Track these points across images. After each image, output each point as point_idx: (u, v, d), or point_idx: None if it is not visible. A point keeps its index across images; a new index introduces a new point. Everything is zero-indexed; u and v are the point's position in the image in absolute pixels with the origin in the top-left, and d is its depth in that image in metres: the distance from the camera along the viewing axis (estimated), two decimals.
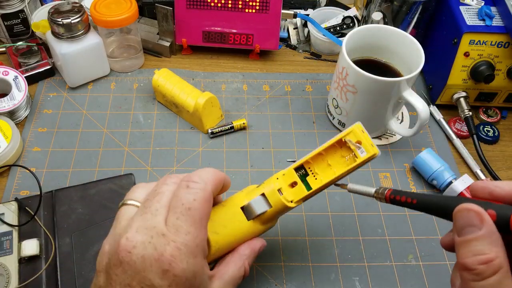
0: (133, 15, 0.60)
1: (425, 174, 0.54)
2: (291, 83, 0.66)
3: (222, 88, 0.65)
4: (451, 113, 0.63)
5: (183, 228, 0.31)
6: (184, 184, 0.33)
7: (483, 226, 0.26)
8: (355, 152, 0.39)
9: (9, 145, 0.53)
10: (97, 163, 0.55)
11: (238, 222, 0.38)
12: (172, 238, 0.30)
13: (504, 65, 0.57)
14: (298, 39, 0.73)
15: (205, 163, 0.56)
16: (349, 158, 0.40)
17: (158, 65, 0.68)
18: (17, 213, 0.48)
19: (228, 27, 0.66)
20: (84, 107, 0.61)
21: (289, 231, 0.50)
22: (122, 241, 0.30)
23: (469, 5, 0.59)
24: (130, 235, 0.30)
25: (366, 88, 0.52)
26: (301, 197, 0.39)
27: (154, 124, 0.60)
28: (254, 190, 0.40)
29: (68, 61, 0.59)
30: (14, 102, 0.57)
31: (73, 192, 0.50)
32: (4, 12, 0.64)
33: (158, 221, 0.31)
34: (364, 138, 0.39)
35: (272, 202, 0.38)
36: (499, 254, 0.25)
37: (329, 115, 0.61)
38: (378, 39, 0.57)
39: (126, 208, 0.34)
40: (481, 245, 0.26)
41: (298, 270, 0.47)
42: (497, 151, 0.60)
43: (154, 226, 0.31)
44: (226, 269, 0.36)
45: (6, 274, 0.43)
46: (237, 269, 0.36)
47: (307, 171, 0.40)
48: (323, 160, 0.40)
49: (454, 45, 0.57)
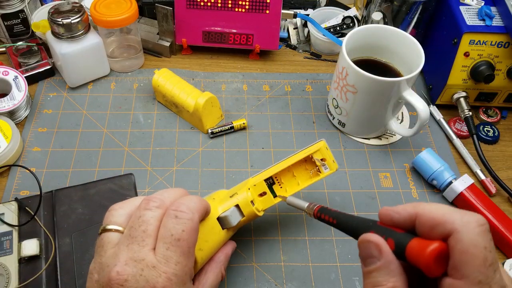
0: (133, 15, 0.60)
1: (425, 174, 0.54)
2: (291, 83, 0.66)
3: (222, 88, 0.65)
4: (451, 113, 0.63)
5: (173, 258, 0.31)
6: (172, 214, 0.33)
7: (381, 257, 0.26)
8: (319, 168, 0.45)
9: (9, 145, 0.53)
10: (97, 163, 0.55)
11: (216, 233, 0.40)
12: (163, 270, 0.31)
13: (504, 65, 0.57)
14: (298, 39, 0.73)
15: (205, 163, 0.56)
16: (313, 172, 0.46)
17: (158, 65, 0.68)
18: (17, 213, 0.48)
19: (228, 27, 0.66)
20: (84, 107, 0.61)
21: (289, 231, 0.50)
22: (113, 275, 0.30)
23: (469, 5, 0.59)
24: (119, 269, 0.31)
25: (366, 88, 0.52)
26: (269, 206, 0.44)
27: (154, 124, 0.60)
28: (227, 199, 0.43)
29: (68, 61, 0.59)
30: (14, 102, 0.57)
31: (73, 192, 0.50)
32: (4, 12, 0.64)
33: (146, 253, 0.31)
34: (328, 156, 0.45)
35: (245, 213, 0.42)
36: (396, 283, 0.26)
37: (329, 115, 0.61)
38: (378, 39, 0.57)
39: (108, 235, 0.34)
40: (379, 276, 0.26)
41: (298, 270, 0.47)
42: (497, 151, 0.60)
43: (143, 258, 0.31)
44: (205, 279, 0.38)
45: (6, 274, 0.43)
46: (215, 277, 0.39)
47: (274, 180, 0.45)
48: (289, 171, 0.45)
49: (454, 45, 0.57)
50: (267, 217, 0.51)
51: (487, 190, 0.55)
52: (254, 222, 0.50)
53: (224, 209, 0.42)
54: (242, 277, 0.47)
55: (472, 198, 0.51)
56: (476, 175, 0.56)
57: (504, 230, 0.49)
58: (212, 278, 0.38)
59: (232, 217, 0.41)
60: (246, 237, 0.49)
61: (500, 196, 0.55)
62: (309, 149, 0.45)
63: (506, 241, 0.49)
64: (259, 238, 0.50)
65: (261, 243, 0.49)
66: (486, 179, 0.55)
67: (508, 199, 0.55)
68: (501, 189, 0.55)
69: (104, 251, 0.33)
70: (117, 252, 0.32)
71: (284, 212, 0.52)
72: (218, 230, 0.40)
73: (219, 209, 0.42)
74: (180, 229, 0.32)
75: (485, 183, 0.55)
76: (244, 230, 0.49)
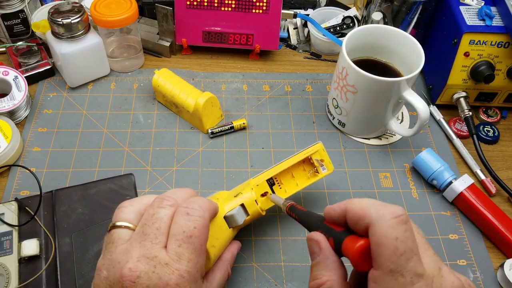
0: (133, 15, 0.60)
1: (425, 174, 0.54)
2: (291, 83, 0.66)
3: (222, 88, 0.65)
4: (451, 113, 0.63)
5: (185, 255, 0.32)
6: (184, 211, 0.33)
7: (320, 253, 0.29)
8: (317, 169, 0.47)
9: (9, 145, 0.53)
10: (97, 163, 0.55)
11: (224, 232, 0.41)
12: (176, 267, 0.31)
13: (504, 65, 0.57)
14: (298, 39, 0.73)
15: (205, 163, 0.56)
16: (311, 173, 0.48)
17: (158, 65, 0.68)
18: (17, 213, 0.48)
19: (228, 27, 0.66)
20: (84, 107, 0.61)
21: (289, 231, 0.50)
22: (125, 271, 0.30)
23: (469, 5, 0.59)
24: (132, 265, 0.31)
25: (366, 88, 0.52)
26: (270, 206, 0.45)
27: (154, 124, 0.60)
28: (231, 198, 0.44)
29: (68, 61, 0.59)
30: (14, 102, 0.57)
31: (73, 192, 0.50)
32: (4, 12, 0.64)
33: (159, 250, 0.32)
34: (325, 157, 0.47)
35: (250, 212, 0.44)
36: (330, 277, 0.28)
37: (329, 115, 0.61)
38: (378, 39, 0.57)
39: (118, 231, 0.34)
40: (317, 270, 0.29)
41: (298, 270, 0.47)
42: (497, 151, 0.60)
43: (156, 255, 0.31)
44: (213, 277, 0.39)
45: (6, 274, 0.43)
46: (222, 275, 0.39)
47: (274, 180, 0.46)
48: (288, 172, 0.47)
49: (454, 45, 0.57)
50: (267, 217, 0.51)
51: (487, 190, 0.55)
52: (254, 222, 0.51)
53: (229, 208, 0.43)
54: (242, 277, 0.47)
55: (472, 198, 0.51)
56: (476, 175, 0.56)
57: (504, 230, 0.49)
58: (219, 276, 0.39)
59: (238, 216, 0.42)
60: (246, 237, 0.49)
61: (500, 196, 0.55)
62: (308, 151, 0.47)
63: (506, 241, 0.49)
64: (259, 238, 0.50)
65: (261, 243, 0.49)
66: (486, 179, 0.55)
67: (508, 199, 0.55)
68: (501, 189, 0.55)
69: (114, 247, 0.33)
70: (128, 249, 0.32)
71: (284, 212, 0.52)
72: (226, 229, 0.41)
73: (225, 208, 0.43)
74: (192, 226, 0.33)
75: (485, 183, 0.55)
76: (244, 230, 0.49)
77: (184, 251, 0.32)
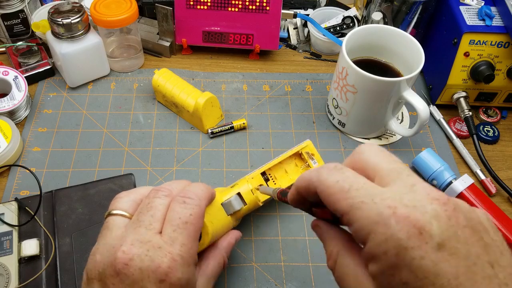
0: (133, 15, 0.60)
1: (425, 174, 0.54)
2: (291, 83, 0.66)
3: (222, 88, 0.65)
4: (451, 113, 0.63)
5: (179, 240, 0.32)
6: (181, 199, 0.34)
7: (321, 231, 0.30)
8: (308, 162, 0.48)
9: (9, 145, 0.53)
10: (97, 163, 0.55)
11: (221, 216, 0.42)
12: (169, 250, 0.31)
13: (504, 65, 0.57)
14: (298, 39, 0.73)
15: (205, 163, 0.56)
16: (303, 167, 0.49)
17: (158, 65, 0.68)
18: (17, 213, 0.48)
19: (228, 27, 0.66)
20: (84, 107, 0.61)
21: (289, 231, 0.50)
22: (119, 254, 0.31)
23: (469, 5, 0.59)
24: (126, 248, 0.31)
25: (366, 88, 0.52)
26: (266, 198, 0.46)
27: (154, 124, 0.60)
28: (228, 190, 0.45)
29: (68, 61, 0.59)
30: (14, 102, 0.57)
31: (73, 192, 0.50)
32: (4, 12, 0.64)
33: (152, 235, 0.32)
34: (315, 152, 0.49)
35: (247, 201, 0.45)
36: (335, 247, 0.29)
37: (329, 115, 0.61)
38: (378, 39, 0.57)
39: (114, 218, 0.35)
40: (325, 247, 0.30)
41: (298, 270, 0.47)
42: (497, 151, 0.60)
43: (149, 240, 0.32)
44: (206, 264, 0.39)
45: (6, 274, 0.43)
46: (217, 263, 0.39)
47: (268, 176, 0.48)
48: (280, 168, 0.49)
49: (454, 45, 0.57)
50: (267, 217, 0.51)
51: (487, 190, 0.55)
52: (254, 222, 0.51)
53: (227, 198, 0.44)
54: (242, 277, 0.47)
55: (472, 198, 0.51)
56: (476, 175, 0.56)
57: (504, 230, 0.49)
58: (213, 263, 0.39)
59: (235, 202, 0.44)
60: (246, 237, 0.49)
61: (500, 196, 0.55)
62: (298, 147, 0.49)
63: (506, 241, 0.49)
64: (259, 238, 0.50)
65: (261, 243, 0.49)
66: (486, 179, 0.55)
67: (508, 199, 0.55)
68: (501, 189, 0.55)
69: (109, 233, 0.34)
70: (123, 234, 0.33)
71: (284, 212, 0.52)
72: (223, 214, 0.42)
73: (223, 198, 0.44)
74: (188, 213, 0.33)
75: (485, 183, 0.55)
76: (244, 230, 0.49)
77: (179, 235, 0.32)
